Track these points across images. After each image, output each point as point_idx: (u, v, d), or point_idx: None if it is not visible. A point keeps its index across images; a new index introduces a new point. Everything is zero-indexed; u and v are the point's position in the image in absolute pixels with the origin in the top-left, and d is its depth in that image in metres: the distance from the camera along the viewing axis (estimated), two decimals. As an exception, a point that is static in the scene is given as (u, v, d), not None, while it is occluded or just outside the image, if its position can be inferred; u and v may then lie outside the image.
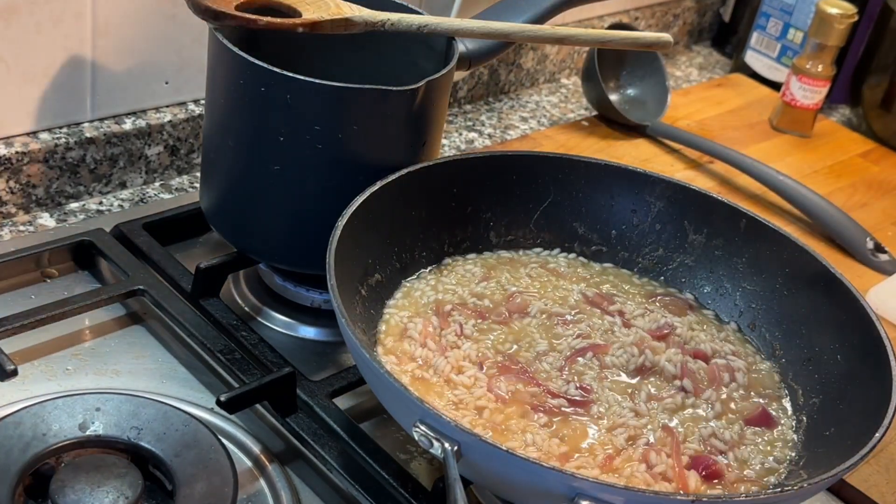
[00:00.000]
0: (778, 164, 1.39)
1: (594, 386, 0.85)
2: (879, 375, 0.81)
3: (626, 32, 1.12)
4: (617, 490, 0.68)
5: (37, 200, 1.07)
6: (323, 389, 0.89)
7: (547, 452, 0.79)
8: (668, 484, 0.78)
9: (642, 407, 0.84)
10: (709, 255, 0.99)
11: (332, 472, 0.83)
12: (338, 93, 0.87)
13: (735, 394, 0.88)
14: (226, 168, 0.96)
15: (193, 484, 0.75)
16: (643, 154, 1.41)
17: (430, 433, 0.70)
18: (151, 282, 0.97)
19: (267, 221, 0.95)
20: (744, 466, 0.82)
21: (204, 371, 0.92)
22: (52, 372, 0.90)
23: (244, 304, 1.02)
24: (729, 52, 1.83)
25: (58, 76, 1.05)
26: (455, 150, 1.37)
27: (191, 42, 1.13)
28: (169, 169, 1.16)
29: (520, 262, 1.00)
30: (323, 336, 1.00)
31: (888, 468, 0.96)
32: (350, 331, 0.75)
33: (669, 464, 0.79)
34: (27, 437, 0.76)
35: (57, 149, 1.06)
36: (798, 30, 1.62)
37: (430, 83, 0.91)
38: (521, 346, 0.88)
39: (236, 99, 0.91)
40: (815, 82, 1.49)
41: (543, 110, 1.52)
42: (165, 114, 1.14)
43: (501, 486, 0.77)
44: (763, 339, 0.95)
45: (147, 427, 0.78)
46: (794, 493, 0.71)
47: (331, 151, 0.90)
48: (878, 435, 0.75)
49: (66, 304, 0.92)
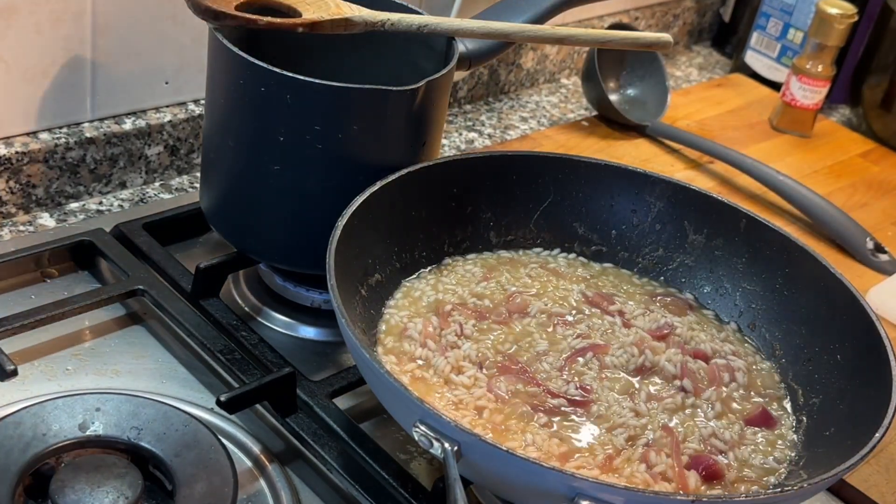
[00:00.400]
0: (778, 164, 1.39)
1: (594, 386, 0.85)
2: (879, 375, 0.81)
3: (626, 32, 1.12)
4: (617, 490, 0.68)
5: (37, 200, 1.07)
6: (323, 389, 0.89)
7: (547, 452, 0.79)
8: (668, 484, 0.78)
9: (642, 407, 0.84)
10: (709, 255, 0.99)
11: (332, 472, 0.83)
12: (338, 93, 0.87)
13: (735, 394, 0.88)
14: (226, 168, 0.96)
15: (193, 484, 0.75)
16: (643, 154, 1.41)
17: (430, 433, 0.70)
18: (151, 282, 0.97)
19: (267, 221, 0.95)
20: (744, 466, 0.82)
21: (204, 371, 0.92)
22: (52, 372, 0.90)
23: (244, 304, 1.02)
24: (729, 53, 1.83)
25: (58, 76, 1.05)
26: (455, 150, 1.37)
27: (191, 42, 1.13)
28: (169, 169, 1.16)
29: (520, 262, 1.00)
30: (323, 336, 1.00)
31: (888, 468, 0.96)
32: (350, 331, 0.75)
33: (669, 464, 0.79)
34: (27, 438, 0.76)
35: (57, 149, 1.06)
36: (798, 30, 1.62)
37: (430, 83, 0.91)
38: (521, 346, 0.88)
39: (236, 99, 0.91)
40: (815, 82, 1.49)
41: (543, 110, 1.52)
42: (165, 114, 1.14)
43: (501, 486, 0.77)
44: (763, 339, 0.95)
45: (147, 427, 0.78)
46: (794, 493, 0.71)
47: (331, 151, 0.90)
48: (878, 435, 0.75)
49: (66, 304, 0.92)
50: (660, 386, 0.87)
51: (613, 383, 0.86)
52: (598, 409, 0.83)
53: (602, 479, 0.76)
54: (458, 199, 0.97)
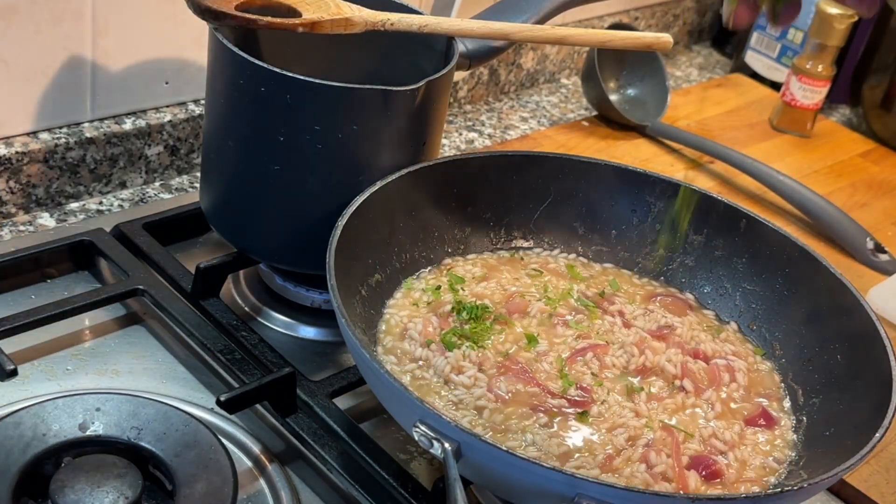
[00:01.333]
0: (778, 164, 1.39)
1: (594, 386, 0.85)
2: (879, 376, 0.81)
3: (627, 33, 1.12)
4: (617, 490, 0.68)
5: (37, 200, 1.07)
6: (323, 389, 0.89)
7: (547, 452, 0.79)
8: (668, 484, 0.78)
9: (642, 407, 0.84)
10: (709, 256, 0.99)
11: (333, 472, 0.83)
12: (338, 93, 0.87)
13: (735, 394, 0.88)
14: (226, 168, 0.96)
15: (193, 484, 0.75)
16: (643, 154, 1.41)
17: (430, 433, 0.70)
18: (151, 282, 0.97)
19: (267, 221, 0.95)
20: (744, 466, 0.82)
21: (204, 371, 0.92)
22: (52, 372, 0.90)
23: (244, 304, 1.02)
24: (729, 52, 1.83)
25: (58, 76, 1.05)
26: (455, 150, 1.37)
27: (191, 42, 1.13)
28: (169, 169, 1.16)
29: (520, 262, 1.00)
30: (323, 336, 1.00)
31: (888, 468, 0.96)
32: (350, 331, 0.75)
33: (669, 464, 0.79)
34: (27, 438, 0.76)
35: (57, 149, 1.06)
36: (798, 30, 1.62)
37: (430, 83, 0.91)
38: (520, 346, 0.88)
39: (236, 99, 0.91)
40: (815, 82, 1.49)
41: (543, 110, 1.52)
42: (165, 114, 1.14)
43: (501, 486, 0.77)
44: (763, 339, 0.95)
45: (147, 427, 0.78)
46: (794, 493, 0.71)
47: (331, 151, 0.90)
48: (877, 435, 0.75)
49: (66, 304, 0.92)
50: (660, 386, 0.87)
51: (614, 384, 0.86)
52: (598, 410, 0.83)
53: (602, 478, 0.76)
54: (458, 200, 0.97)
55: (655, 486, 0.77)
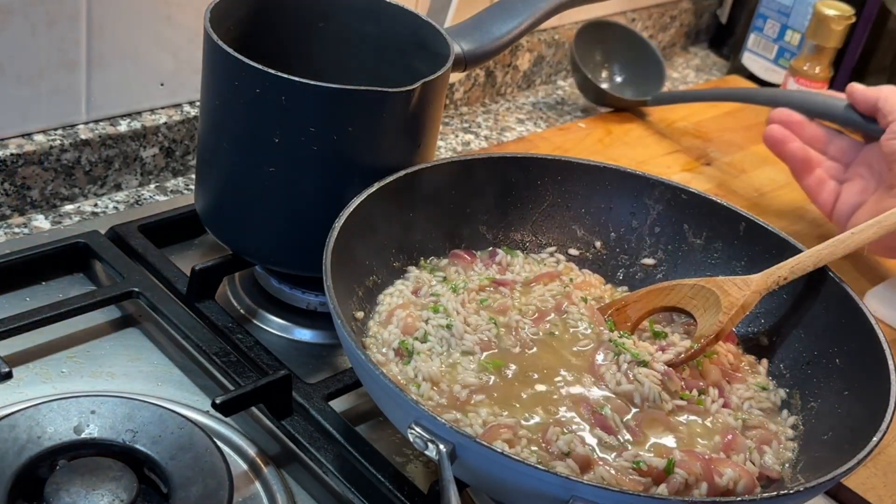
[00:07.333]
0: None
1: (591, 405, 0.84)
2: (877, 379, 0.81)
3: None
4: (611, 493, 0.68)
5: (31, 202, 1.07)
6: (319, 392, 0.89)
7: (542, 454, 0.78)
8: (665, 486, 0.77)
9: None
10: (708, 258, 0.99)
11: (328, 475, 0.83)
12: (333, 94, 0.87)
13: (733, 397, 0.88)
14: (221, 170, 0.95)
15: (189, 487, 0.75)
16: (640, 156, 1.41)
17: (425, 434, 0.70)
18: (146, 284, 0.97)
19: (262, 223, 0.95)
20: (741, 469, 0.81)
21: (199, 374, 0.92)
22: (46, 374, 0.89)
23: (240, 307, 1.01)
24: (726, 54, 1.83)
25: (53, 78, 1.05)
26: (451, 152, 1.37)
27: (186, 44, 1.13)
28: (164, 171, 1.16)
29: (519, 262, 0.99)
30: (319, 338, 1.00)
31: (886, 472, 0.96)
32: (346, 333, 0.75)
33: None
34: (22, 440, 0.75)
35: (52, 150, 1.06)
36: (795, 31, 1.62)
37: (425, 85, 0.90)
38: (519, 352, 0.87)
39: (231, 100, 0.90)
40: (812, 84, 1.49)
41: (540, 112, 1.52)
42: (160, 115, 1.14)
43: (496, 488, 0.76)
44: (761, 343, 0.94)
45: (142, 430, 0.78)
46: (792, 496, 0.71)
47: (326, 153, 0.90)
48: (875, 438, 0.75)
49: (60, 307, 0.92)
50: (660, 387, 0.86)
51: (612, 391, 0.86)
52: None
53: (597, 481, 0.75)
54: (455, 202, 0.97)
55: (652, 488, 0.77)
